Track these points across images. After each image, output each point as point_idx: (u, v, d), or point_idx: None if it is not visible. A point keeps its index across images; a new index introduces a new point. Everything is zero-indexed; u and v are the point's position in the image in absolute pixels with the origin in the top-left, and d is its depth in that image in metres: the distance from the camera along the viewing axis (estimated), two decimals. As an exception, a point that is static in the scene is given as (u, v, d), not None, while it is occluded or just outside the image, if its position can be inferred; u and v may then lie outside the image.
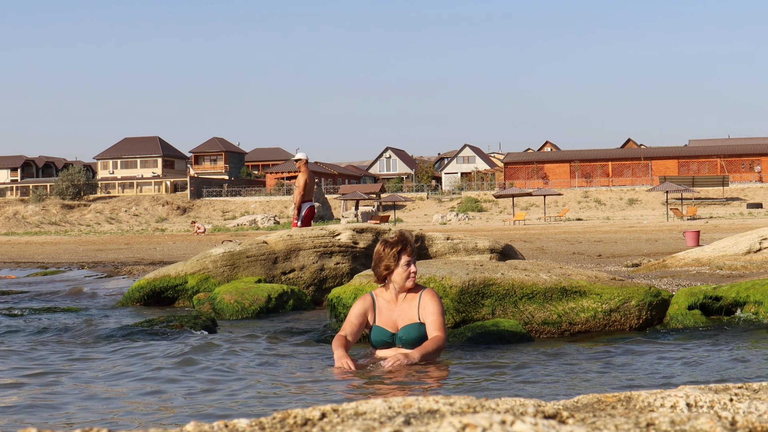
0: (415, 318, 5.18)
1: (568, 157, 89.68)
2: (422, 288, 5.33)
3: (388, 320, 5.22)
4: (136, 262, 19.41)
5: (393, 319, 5.22)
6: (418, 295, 5.24)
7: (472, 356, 5.45)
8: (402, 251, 5.17)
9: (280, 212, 78.53)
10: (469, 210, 75.07)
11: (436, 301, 5.23)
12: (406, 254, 5.18)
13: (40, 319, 7.94)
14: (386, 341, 5.20)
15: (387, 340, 5.20)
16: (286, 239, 10.00)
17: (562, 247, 21.45)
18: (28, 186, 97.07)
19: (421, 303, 5.20)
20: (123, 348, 6.06)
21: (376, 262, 5.25)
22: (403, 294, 5.25)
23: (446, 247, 10.44)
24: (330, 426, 1.80)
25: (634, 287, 6.78)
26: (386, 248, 5.22)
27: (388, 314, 5.23)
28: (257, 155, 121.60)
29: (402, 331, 5.17)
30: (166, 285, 9.54)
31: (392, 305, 5.25)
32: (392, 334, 5.19)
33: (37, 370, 5.22)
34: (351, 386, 4.58)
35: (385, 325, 5.21)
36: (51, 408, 4.11)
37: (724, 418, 1.83)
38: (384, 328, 5.21)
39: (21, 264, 20.71)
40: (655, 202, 74.90)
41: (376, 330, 5.23)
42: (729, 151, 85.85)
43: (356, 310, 5.28)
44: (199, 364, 5.32)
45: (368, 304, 5.29)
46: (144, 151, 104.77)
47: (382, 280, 5.25)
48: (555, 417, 1.86)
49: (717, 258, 11.34)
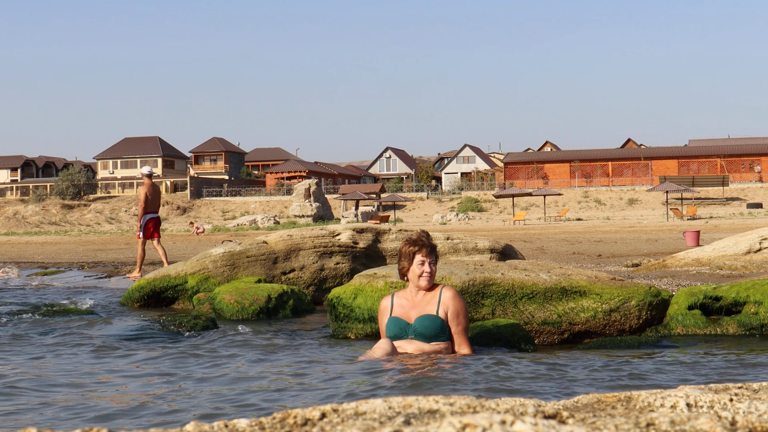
0: (433, 311, 5.30)
1: (568, 157, 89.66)
2: (442, 285, 5.46)
3: (405, 313, 5.37)
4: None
5: (410, 312, 5.36)
6: (438, 292, 5.38)
7: (473, 356, 5.45)
8: (417, 251, 5.33)
9: (280, 212, 78.52)
10: (469, 210, 75.06)
11: (458, 299, 5.38)
12: (421, 254, 5.32)
13: (39, 319, 7.94)
14: (401, 331, 5.31)
15: (402, 330, 5.31)
16: (286, 239, 9.99)
17: (562, 247, 21.45)
18: (28, 186, 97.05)
19: (442, 299, 5.33)
20: (123, 348, 6.06)
21: (398, 259, 5.48)
22: (422, 292, 5.39)
23: (446, 247, 10.44)
24: (330, 426, 1.80)
25: (634, 287, 6.78)
26: (404, 246, 5.42)
27: (405, 308, 5.39)
28: (257, 155, 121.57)
29: (417, 322, 5.29)
30: (166, 285, 9.55)
31: (411, 301, 5.40)
32: (408, 324, 5.32)
33: (37, 369, 5.22)
34: (352, 385, 4.58)
35: (402, 316, 5.36)
36: (50, 408, 4.11)
37: (724, 418, 1.83)
38: (400, 318, 5.35)
39: (21, 264, 20.71)
40: (655, 202, 74.89)
41: (391, 321, 5.37)
42: (729, 151, 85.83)
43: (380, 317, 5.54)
44: (199, 364, 5.32)
45: (387, 303, 5.49)
46: (144, 151, 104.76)
47: (402, 276, 5.45)
48: (555, 417, 1.86)
49: (717, 258, 11.34)
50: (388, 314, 5.42)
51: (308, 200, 61.91)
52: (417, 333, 5.26)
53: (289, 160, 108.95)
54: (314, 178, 66.53)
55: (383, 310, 5.49)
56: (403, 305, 5.38)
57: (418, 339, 5.26)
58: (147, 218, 14.18)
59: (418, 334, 5.26)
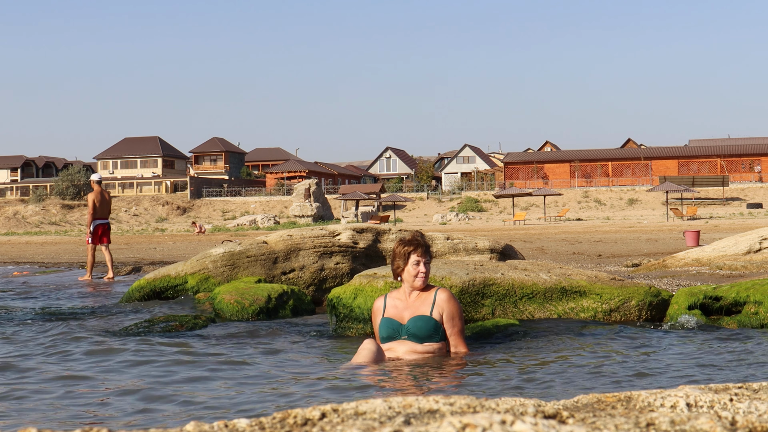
0: (427, 312, 5.26)
1: (568, 157, 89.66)
2: (437, 287, 5.41)
3: (398, 314, 5.32)
4: (136, 262, 19.41)
5: (403, 312, 5.31)
6: (432, 293, 5.33)
7: (472, 356, 5.45)
8: (412, 251, 5.29)
9: (280, 212, 78.51)
10: (469, 210, 75.05)
11: (453, 302, 5.33)
12: (416, 254, 5.28)
13: (40, 318, 7.94)
14: (394, 332, 5.26)
15: (395, 330, 5.26)
16: (286, 239, 9.99)
17: (562, 247, 21.45)
18: (28, 186, 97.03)
19: (437, 301, 5.29)
20: (120, 347, 6.06)
21: (392, 259, 5.43)
22: (416, 292, 5.34)
23: (446, 247, 10.43)
24: (330, 426, 1.80)
25: (634, 287, 6.78)
26: (398, 246, 5.37)
27: (398, 309, 5.34)
28: (257, 155, 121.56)
29: (410, 323, 5.24)
30: (166, 285, 9.55)
31: (404, 302, 5.35)
32: (400, 325, 5.27)
33: (38, 370, 5.22)
34: (353, 385, 4.58)
35: (394, 317, 5.31)
36: (50, 408, 4.11)
37: (724, 418, 1.83)
38: (393, 319, 5.30)
39: (21, 264, 20.71)
40: (655, 202, 74.89)
41: (384, 322, 5.32)
42: (729, 151, 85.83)
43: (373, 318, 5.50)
44: (199, 363, 5.32)
45: (380, 304, 5.44)
46: (144, 151, 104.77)
47: (396, 276, 5.39)
48: (555, 417, 1.86)
49: (717, 258, 11.34)
50: (381, 315, 5.38)
51: (308, 200, 61.90)
52: (410, 334, 5.22)
53: (289, 160, 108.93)
54: (314, 178, 66.52)
55: (376, 310, 5.44)
56: (397, 306, 5.34)
57: (411, 340, 5.21)
58: (96, 224, 14.72)
59: (411, 335, 5.22)
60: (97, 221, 14.72)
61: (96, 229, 14.67)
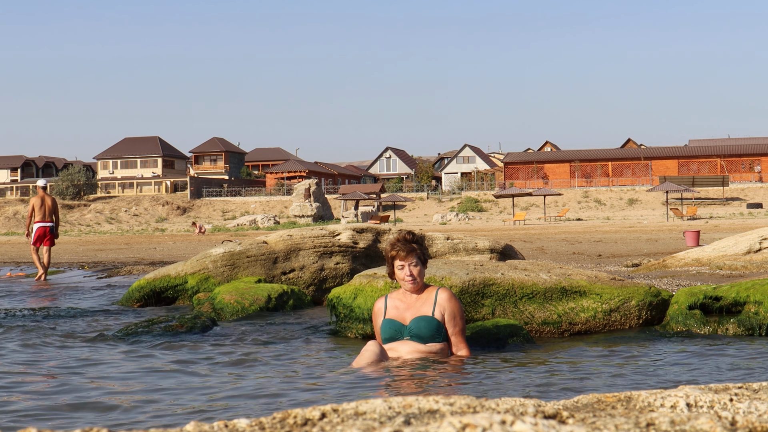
0: (429, 312, 5.23)
1: (568, 157, 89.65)
2: (437, 287, 5.37)
3: (400, 315, 5.28)
4: (136, 262, 19.41)
5: (404, 313, 5.28)
6: (433, 293, 5.29)
7: (473, 356, 5.45)
8: (395, 257, 5.25)
9: (280, 212, 78.49)
10: (469, 210, 75.04)
11: (455, 301, 5.30)
12: (398, 259, 5.23)
13: (40, 318, 7.94)
14: (396, 333, 5.23)
15: (397, 331, 5.23)
16: (286, 239, 9.99)
17: (562, 247, 21.45)
18: (28, 186, 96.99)
19: (439, 301, 5.26)
20: (120, 347, 6.06)
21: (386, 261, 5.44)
22: (416, 293, 5.31)
23: (446, 247, 10.43)
24: (330, 426, 1.80)
25: (634, 287, 6.78)
26: (386, 249, 5.35)
27: (400, 310, 5.30)
28: (257, 155, 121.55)
29: (413, 323, 5.21)
30: (166, 285, 9.54)
31: (405, 303, 5.31)
32: (403, 326, 5.24)
33: (38, 369, 5.22)
34: (353, 385, 4.58)
35: (396, 318, 5.27)
36: (51, 408, 4.11)
37: (724, 418, 1.83)
38: (395, 320, 5.26)
39: (21, 264, 20.71)
40: (655, 202, 74.88)
41: (386, 323, 5.28)
42: (729, 151, 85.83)
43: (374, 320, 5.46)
44: (199, 363, 5.32)
45: (380, 305, 5.40)
46: (144, 151, 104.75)
47: (391, 278, 5.39)
48: (555, 417, 1.86)
49: (717, 258, 11.34)
50: (382, 316, 5.34)
51: (308, 200, 61.90)
52: (413, 334, 5.19)
53: (289, 160, 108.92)
54: (314, 178, 66.52)
55: (377, 312, 5.40)
56: (398, 306, 5.30)
57: (413, 340, 5.18)
58: (36, 227, 15.40)
59: (413, 336, 5.18)
60: (38, 224, 15.39)
61: (36, 231, 15.36)
